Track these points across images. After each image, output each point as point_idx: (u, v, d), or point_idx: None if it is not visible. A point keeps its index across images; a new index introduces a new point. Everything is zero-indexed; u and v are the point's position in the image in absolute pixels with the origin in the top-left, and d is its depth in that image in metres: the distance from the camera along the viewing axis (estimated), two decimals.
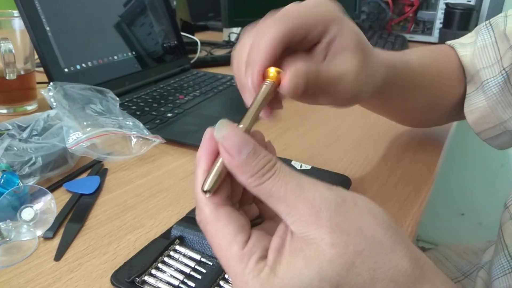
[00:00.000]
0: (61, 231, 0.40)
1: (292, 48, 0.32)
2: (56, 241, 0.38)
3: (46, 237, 0.39)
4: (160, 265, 0.35)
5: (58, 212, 0.42)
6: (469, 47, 0.53)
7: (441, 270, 0.66)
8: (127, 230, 0.40)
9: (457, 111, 0.54)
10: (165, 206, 0.44)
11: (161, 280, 0.33)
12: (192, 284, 0.33)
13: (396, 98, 0.50)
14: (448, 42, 0.56)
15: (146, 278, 0.33)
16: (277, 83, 0.30)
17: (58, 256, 0.36)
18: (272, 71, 0.29)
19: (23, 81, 0.69)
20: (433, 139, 0.62)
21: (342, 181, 0.49)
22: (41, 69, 0.66)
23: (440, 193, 1.51)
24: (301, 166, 0.50)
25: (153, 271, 0.34)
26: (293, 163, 0.51)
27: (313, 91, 0.32)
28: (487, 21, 0.53)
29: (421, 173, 0.52)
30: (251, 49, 0.30)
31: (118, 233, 0.40)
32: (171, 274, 0.34)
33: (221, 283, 0.33)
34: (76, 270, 0.35)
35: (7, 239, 0.38)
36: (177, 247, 0.36)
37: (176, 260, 0.35)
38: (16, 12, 0.63)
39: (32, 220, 0.40)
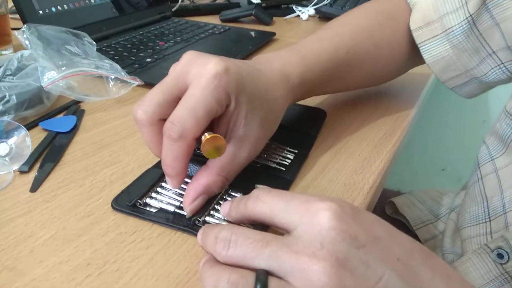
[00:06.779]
0: (37, 166, 0.40)
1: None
2: (32, 174, 0.38)
3: (22, 171, 0.39)
4: (159, 189, 0.36)
5: (34, 148, 0.42)
6: None
7: (415, 212, 0.68)
8: (104, 165, 0.40)
9: (411, 62, 0.53)
10: (142, 144, 0.44)
11: (161, 201, 0.34)
12: None
13: (332, 89, 0.49)
14: None
15: (148, 200, 0.34)
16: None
17: (34, 188, 0.36)
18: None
19: None
20: (412, 87, 0.62)
21: (318, 114, 0.50)
22: (17, 16, 0.64)
23: (420, 148, 1.54)
24: None
25: (153, 195, 0.35)
26: None
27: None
28: None
29: (397, 116, 0.53)
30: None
31: (94, 168, 0.40)
32: (170, 197, 0.35)
33: (216, 207, 0.34)
34: (52, 200, 0.35)
35: None
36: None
37: None
38: None
39: (7, 155, 0.40)
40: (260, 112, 0.35)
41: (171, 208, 0.34)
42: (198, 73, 0.31)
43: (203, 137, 0.31)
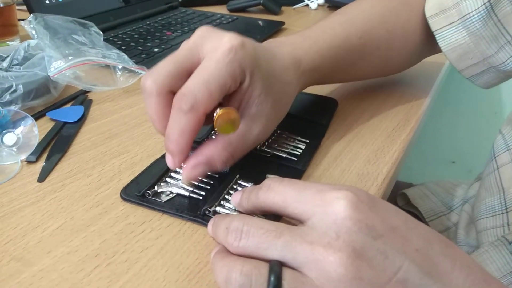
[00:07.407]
0: (45, 155, 0.39)
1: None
2: (40, 164, 0.38)
3: (29, 161, 0.38)
4: (168, 179, 0.35)
5: (41, 138, 0.41)
6: None
7: (428, 204, 0.67)
8: (112, 155, 0.40)
9: (425, 50, 0.51)
10: (150, 134, 0.44)
11: (171, 191, 0.34)
12: (202, 193, 0.34)
13: (343, 76, 0.48)
14: None
15: (157, 190, 0.34)
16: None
17: (42, 177, 0.36)
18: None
19: (4, 16, 0.67)
20: (425, 76, 0.61)
21: (329, 103, 0.49)
22: (24, 7, 0.64)
23: (431, 140, 1.52)
24: None
25: (162, 185, 0.34)
26: None
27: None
28: None
29: (411, 106, 0.51)
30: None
31: (102, 157, 0.39)
32: (180, 187, 0.34)
33: (227, 197, 0.33)
34: (59, 190, 0.35)
35: None
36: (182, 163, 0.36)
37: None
38: None
39: (14, 144, 0.39)
40: (273, 93, 0.34)
41: (181, 198, 0.33)
42: (212, 46, 0.30)
43: (215, 114, 0.30)
